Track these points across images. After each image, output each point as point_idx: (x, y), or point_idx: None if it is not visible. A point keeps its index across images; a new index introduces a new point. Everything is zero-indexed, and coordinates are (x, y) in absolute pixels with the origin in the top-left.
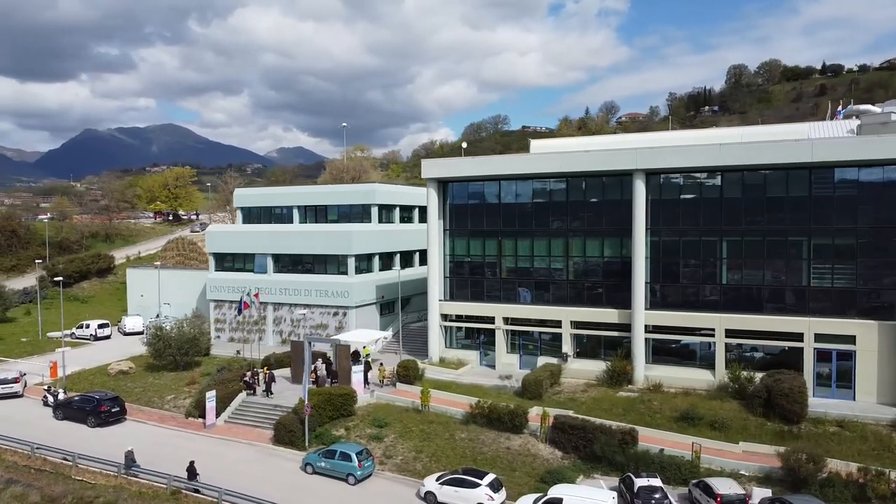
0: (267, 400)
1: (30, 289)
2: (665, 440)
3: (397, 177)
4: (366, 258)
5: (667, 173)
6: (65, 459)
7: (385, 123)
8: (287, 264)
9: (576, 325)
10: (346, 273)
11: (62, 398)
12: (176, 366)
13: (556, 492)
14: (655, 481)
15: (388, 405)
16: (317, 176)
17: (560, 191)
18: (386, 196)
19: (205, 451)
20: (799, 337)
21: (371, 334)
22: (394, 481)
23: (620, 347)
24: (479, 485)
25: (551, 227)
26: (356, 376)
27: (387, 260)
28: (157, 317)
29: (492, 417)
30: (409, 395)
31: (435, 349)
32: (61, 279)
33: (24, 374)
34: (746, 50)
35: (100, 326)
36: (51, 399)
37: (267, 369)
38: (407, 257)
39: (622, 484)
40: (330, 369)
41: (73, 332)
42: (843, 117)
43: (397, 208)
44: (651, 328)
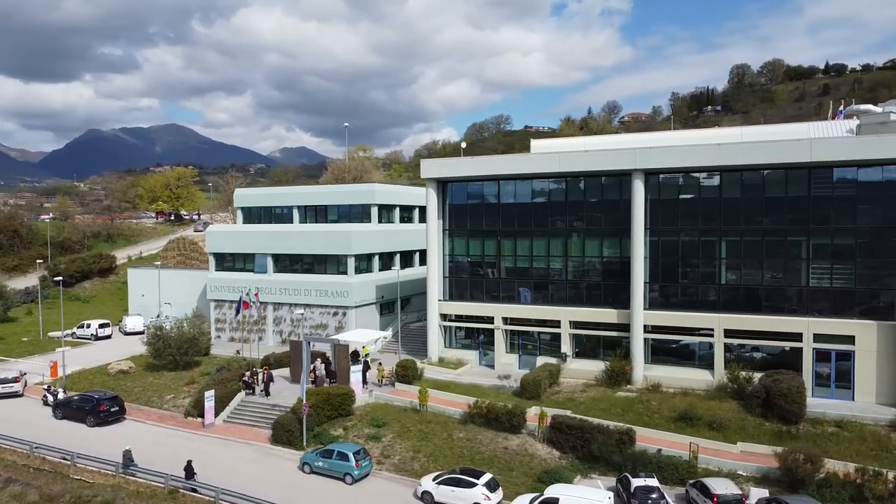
0: (265, 399)
1: (31, 289)
2: (663, 440)
3: (399, 177)
4: (365, 258)
5: (666, 173)
6: (63, 458)
7: (388, 123)
8: (287, 264)
9: (575, 325)
10: (345, 273)
11: (62, 398)
12: (175, 365)
13: (553, 492)
14: (652, 481)
15: (386, 405)
16: (319, 176)
17: (559, 191)
18: (386, 196)
19: (203, 451)
20: (798, 337)
21: (370, 334)
22: (391, 481)
23: (619, 347)
24: (476, 484)
25: (550, 227)
26: (354, 376)
27: (386, 260)
28: (157, 316)
29: (490, 417)
30: (407, 395)
31: (434, 349)
32: (62, 279)
33: (25, 373)
34: (750, 49)
35: (100, 326)
36: (50, 398)
37: (266, 369)
38: (407, 257)
39: (619, 484)
40: (329, 369)
41: (73, 332)
42: (844, 117)
43: (397, 208)
44: (650, 328)
